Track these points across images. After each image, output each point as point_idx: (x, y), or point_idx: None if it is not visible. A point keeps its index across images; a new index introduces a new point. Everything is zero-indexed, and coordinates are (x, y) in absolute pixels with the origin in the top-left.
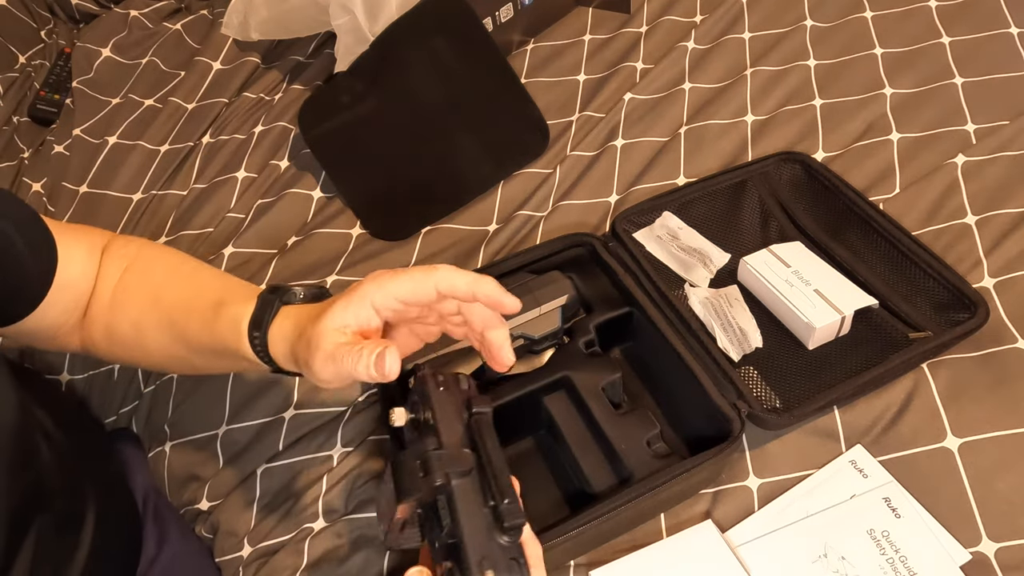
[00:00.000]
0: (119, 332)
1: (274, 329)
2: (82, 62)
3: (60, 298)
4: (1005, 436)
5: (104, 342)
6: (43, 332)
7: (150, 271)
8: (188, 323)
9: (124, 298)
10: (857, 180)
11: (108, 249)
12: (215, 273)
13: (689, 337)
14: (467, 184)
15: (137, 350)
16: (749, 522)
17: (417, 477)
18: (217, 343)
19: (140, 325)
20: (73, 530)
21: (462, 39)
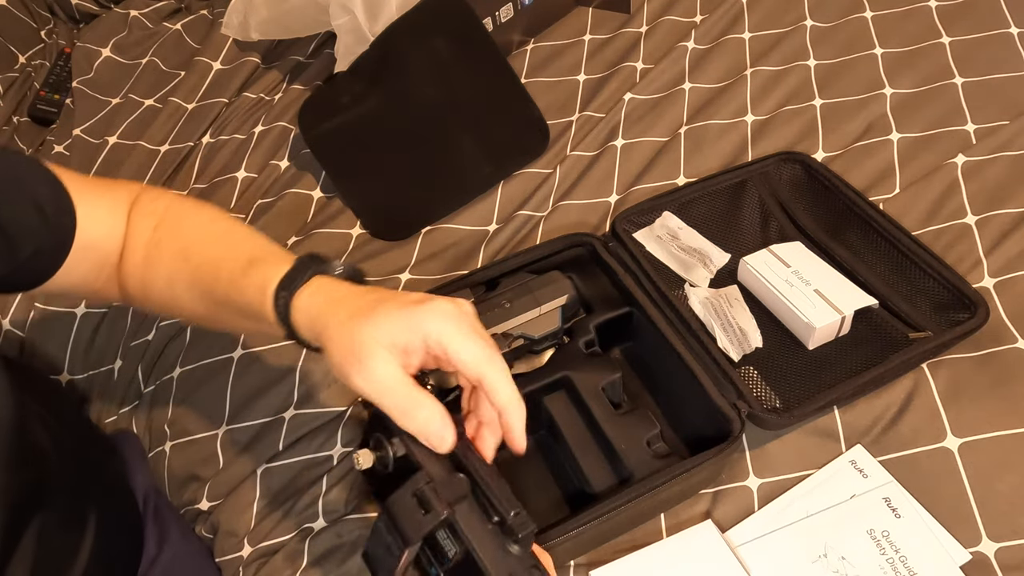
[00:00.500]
0: (153, 288)
1: (303, 297)
2: (82, 62)
3: (84, 258)
4: (1005, 436)
5: (140, 296)
6: (75, 289)
7: (180, 227)
8: (217, 280)
9: (156, 255)
10: (857, 180)
11: (137, 204)
12: (248, 232)
13: (689, 337)
14: (467, 184)
15: (172, 305)
16: (749, 522)
17: (418, 516)
18: (243, 302)
19: (172, 281)
20: (76, 530)
21: (462, 39)
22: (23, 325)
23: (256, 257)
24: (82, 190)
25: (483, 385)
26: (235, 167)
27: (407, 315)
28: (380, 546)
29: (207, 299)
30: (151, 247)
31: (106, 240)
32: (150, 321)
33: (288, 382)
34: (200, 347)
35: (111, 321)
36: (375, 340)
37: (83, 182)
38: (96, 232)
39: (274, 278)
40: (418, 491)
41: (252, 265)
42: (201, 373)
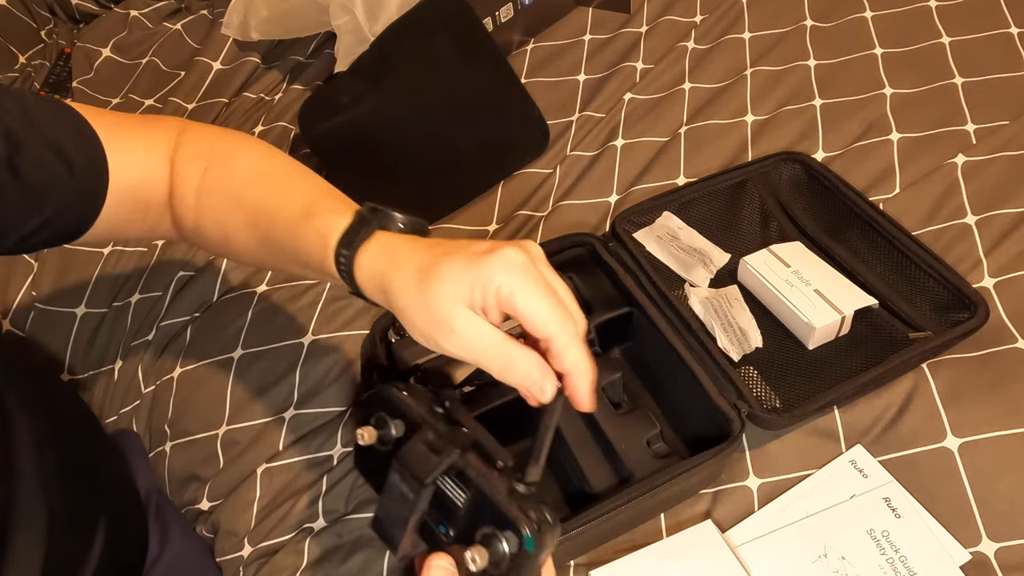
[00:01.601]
0: (207, 233)
1: (366, 256)
2: (82, 62)
3: (122, 203)
4: (1005, 436)
5: (195, 238)
6: (123, 234)
7: (229, 171)
8: (273, 229)
9: (207, 200)
10: (857, 180)
11: (181, 145)
12: (300, 173)
13: (689, 337)
14: (467, 184)
15: (230, 250)
16: (749, 522)
17: (429, 459)
18: (302, 254)
19: (226, 227)
20: (86, 532)
21: (462, 39)
22: (23, 325)
23: (313, 206)
24: (115, 132)
25: (551, 346)
26: None
27: (474, 270)
28: (392, 500)
29: (265, 245)
30: (201, 192)
31: (145, 183)
32: (150, 321)
33: (288, 382)
34: (200, 347)
35: (111, 321)
36: (452, 301)
37: (116, 123)
38: (133, 176)
39: (333, 233)
40: (427, 440)
41: (310, 216)
42: (201, 373)
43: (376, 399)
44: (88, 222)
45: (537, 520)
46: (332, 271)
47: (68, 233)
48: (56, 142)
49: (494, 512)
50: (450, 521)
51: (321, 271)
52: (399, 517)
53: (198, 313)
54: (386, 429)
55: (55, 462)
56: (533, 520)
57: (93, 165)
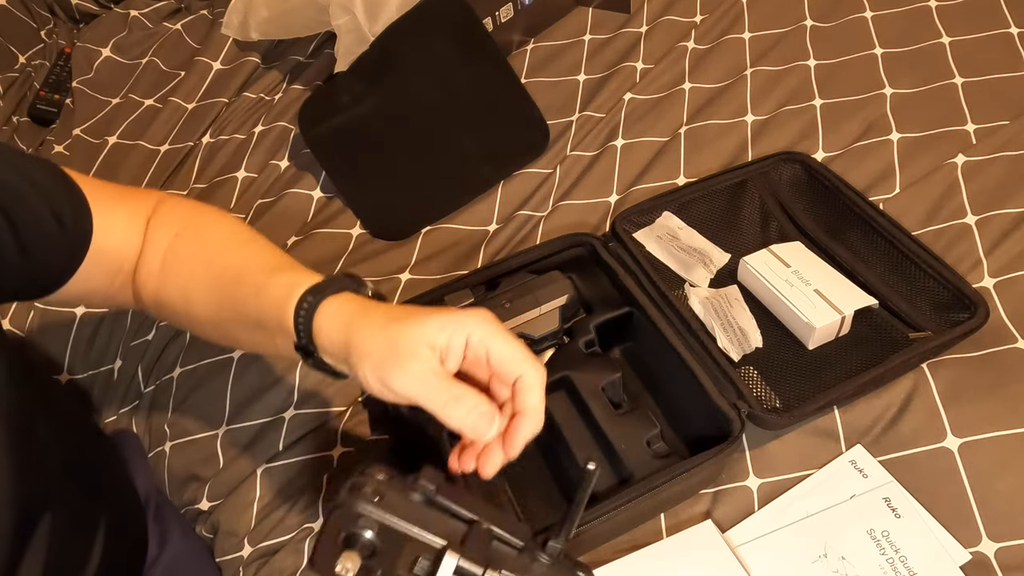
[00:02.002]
0: (167, 299)
1: (332, 304)
2: (82, 62)
3: (99, 264)
4: (1005, 436)
5: (153, 306)
6: (89, 296)
7: (203, 236)
8: (238, 285)
9: (174, 263)
10: (857, 180)
11: (157, 213)
12: (274, 247)
13: (689, 337)
14: (467, 184)
15: (184, 314)
16: (749, 522)
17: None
18: (262, 308)
19: (188, 291)
20: (86, 534)
21: (462, 39)
22: (23, 325)
23: (284, 265)
24: (100, 196)
25: (519, 383)
26: (235, 167)
27: (449, 319)
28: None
29: (222, 307)
30: (169, 254)
31: (122, 247)
32: (150, 321)
33: (288, 382)
34: (200, 347)
35: (111, 321)
36: (417, 340)
37: (102, 188)
38: (112, 239)
39: (303, 284)
40: (459, 570)
41: (279, 271)
42: (201, 373)
43: (343, 519)
44: (63, 280)
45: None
46: (288, 320)
47: (41, 288)
48: (53, 200)
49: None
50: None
51: (274, 325)
52: None
53: None
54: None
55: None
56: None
57: (80, 225)
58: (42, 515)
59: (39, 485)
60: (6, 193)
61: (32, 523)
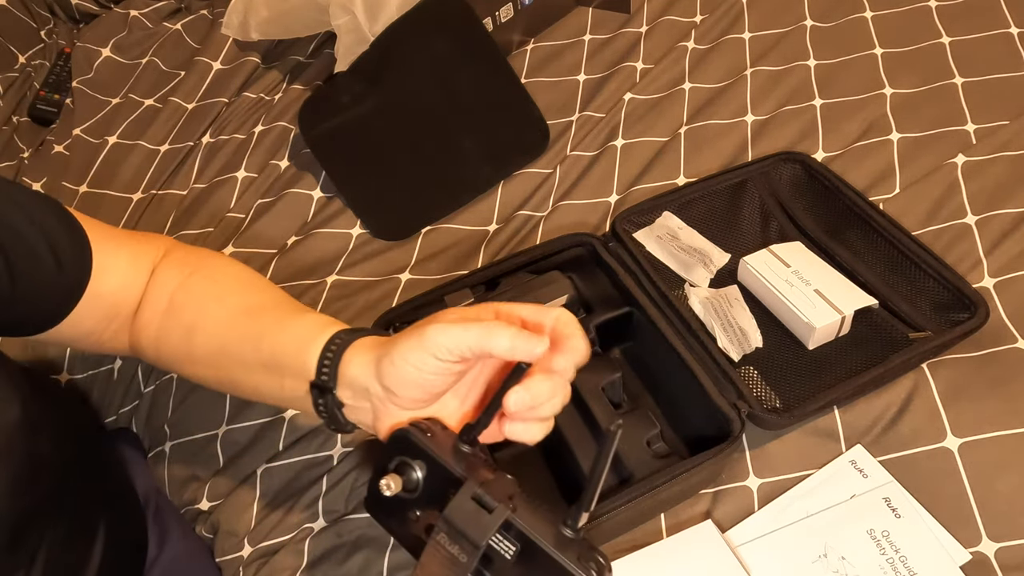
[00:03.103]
0: (169, 339)
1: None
2: (82, 62)
3: (95, 307)
4: (1005, 436)
5: (151, 348)
6: (81, 340)
7: (219, 278)
8: (256, 321)
9: (184, 300)
10: (857, 180)
11: (169, 257)
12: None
13: (689, 337)
14: (467, 184)
15: (184, 358)
16: (749, 522)
17: (483, 518)
18: (282, 344)
19: (194, 329)
20: (86, 538)
21: (462, 39)
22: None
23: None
24: (103, 238)
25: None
26: (235, 167)
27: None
28: (439, 562)
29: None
30: (180, 292)
31: (120, 291)
32: None
33: None
34: None
35: None
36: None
37: (106, 231)
38: (111, 283)
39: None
40: (476, 495)
41: (306, 313)
42: None
43: (396, 442)
44: (56, 320)
45: (595, 568)
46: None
47: (33, 327)
48: (52, 238)
49: (549, 563)
50: (495, 573)
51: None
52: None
53: None
54: (409, 474)
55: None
56: (592, 568)
57: (79, 265)
58: (43, 516)
59: (39, 486)
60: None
61: (33, 524)
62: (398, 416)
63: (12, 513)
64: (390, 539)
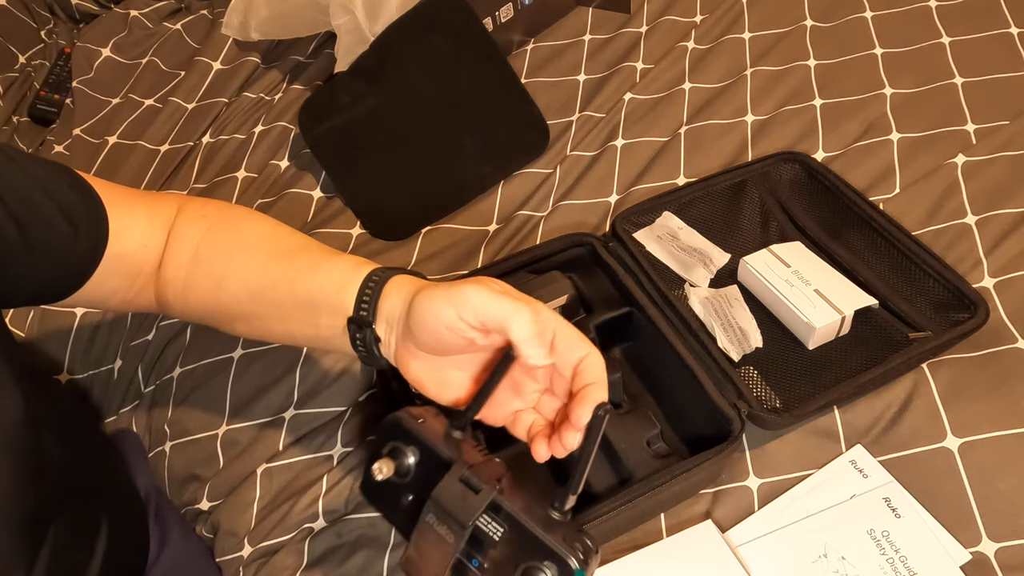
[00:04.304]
0: (197, 290)
1: (401, 278)
2: (82, 62)
3: (116, 269)
4: (1005, 436)
5: (179, 302)
6: (107, 300)
7: (241, 227)
8: (290, 265)
9: (210, 252)
10: (857, 180)
11: (184, 211)
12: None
13: (689, 337)
14: (467, 184)
15: (213, 308)
16: (749, 522)
17: (470, 498)
18: (319, 283)
19: (224, 278)
20: (88, 537)
21: (462, 39)
22: (23, 325)
23: (340, 252)
24: (118, 200)
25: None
26: (235, 167)
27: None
28: (428, 542)
29: (262, 289)
30: (204, 244)
31: (140, 250)
32: (150, 321)
33: (288, 382)
34: (200, 347)
35: (111, 321)
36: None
37: (120, 192)
38: (130, 243)
39: (369, 264)
40: (463, 477)
41: (338, 254)
42: (201, 373)
43: (389, 428)
44: (78, 285)
45: (581, 549)
46: (347, 292)
47: (55, 294)
48: (66, 204)
49: (535, 545)
50: (484, 554)
51: (333, 296)
52: (437, 560)
53: None
54: (402, 459)
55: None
56: (578, 550)
57: (95, 229)
58: (45, 517)
59: (41, 487)
60: (15, 195)
61: (35, 525)
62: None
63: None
64: (390, 539)
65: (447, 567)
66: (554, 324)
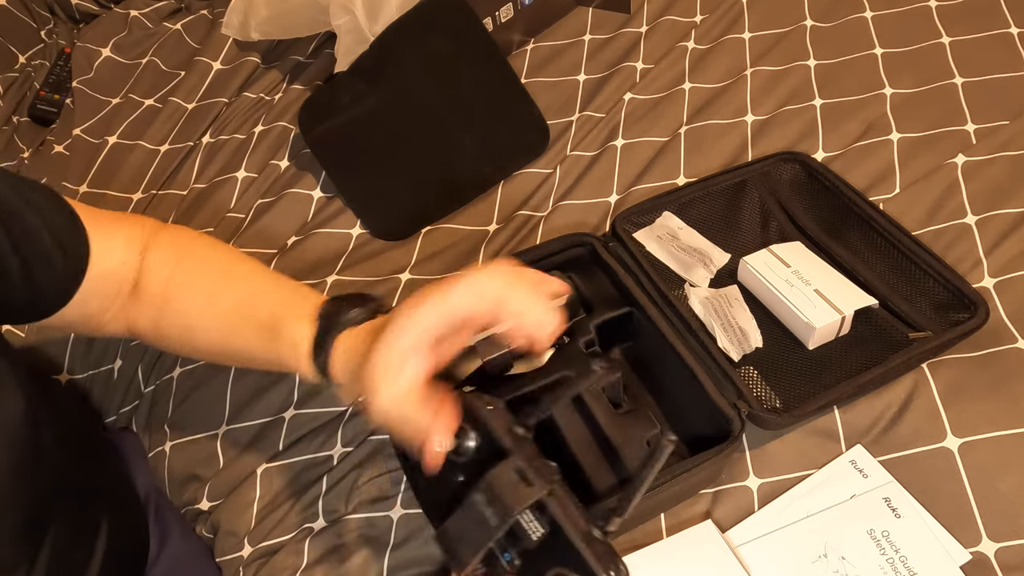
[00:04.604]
0: (168, 331)
1: (335, 355)
2: (82, 62)
3: (97, 289)
4: (1005, 436)
5: (151, 334)
6: (83, 322)
7: (204, 273)
8: (245, 334)
9: (177, 297)
10: (857, 180)
11: (155, 243)
12: (270, 279)
13: (689, 337)
14: (467, 184)
15: (187, 348)
16: (749, 522)
17: (521, 489)
18: (274, 360)
19: (192, 328)
20: (88, 537)
21: (462, 39)
22: (23, 325)
23: (280, 316)
24: (97, 220)
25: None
26: (235, 167)
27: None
28: (470, 519)
29: (233, 350)
30: (171, 289)
31: (119, 271)
32: None
33: (288, 382)
34: None
35: None
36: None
37: (97, 213)
38: (111, 263)
39: (303, 340)
40: (519, 468)
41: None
42: (201, 373)
43: (466, 411)
44: (62, 302)
45: (614, 571)
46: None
47: (40, 310)
48: (48, 218)
49: (571, 554)
50: (518, 550)
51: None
52: (475, 539)
53: None
54: (463, 439)
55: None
56: (611, 571)
57: (77, 246)
58: (44, 517)
59: (41, 487)
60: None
61: (34, 525)
62: None
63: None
64: (390, 539)
65: (482, 548)
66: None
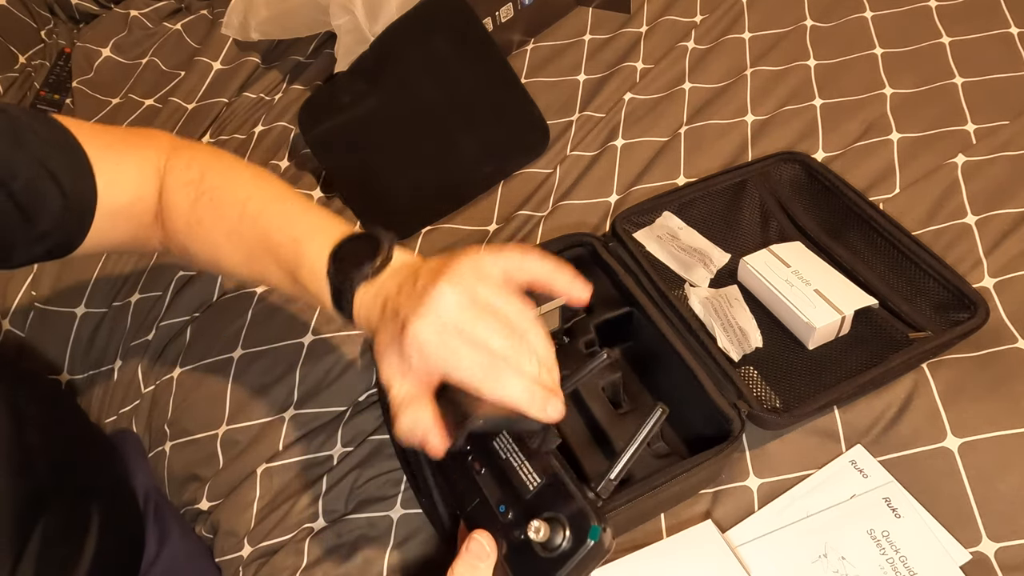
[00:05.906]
0: (197, 256)
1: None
2: (82, 62)
3: (116, 220)
4: (1005, 436)
5: (183, 257)
6: (114, 248)
7: (223, 206)
8: (270, 273)
9: (198, 231)
10: (857, 180)
11: (171, 171)
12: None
13: (689, 337)
14: (467, 184)
15: (218, 270)
16: (749, 522)
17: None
18: (300, 293)
19: (217, 256)
20: (78, 533)
21: (462, 39)
22: (23, 325)
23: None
24: (105, 150)
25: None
26: None
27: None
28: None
29: (261, 277)
30: (192, 223)
31: (137, 201)
32: (150, 321)
33: (288, 382)
34: (200, 347)
35: (111, 321)
36: None
37: (106, 139)
38: (124, 195)
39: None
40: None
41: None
42: (201, 373)
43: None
44: (78, 239)
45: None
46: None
47: (59, 250)
48: (45, 162)
49: (566, 500)
50: (514, 503)
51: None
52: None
53: (198, 313)
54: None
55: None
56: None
57: (80, 187)
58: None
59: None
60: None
61: (25, 521)
62: None
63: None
64: (390, 539)
65: None
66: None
